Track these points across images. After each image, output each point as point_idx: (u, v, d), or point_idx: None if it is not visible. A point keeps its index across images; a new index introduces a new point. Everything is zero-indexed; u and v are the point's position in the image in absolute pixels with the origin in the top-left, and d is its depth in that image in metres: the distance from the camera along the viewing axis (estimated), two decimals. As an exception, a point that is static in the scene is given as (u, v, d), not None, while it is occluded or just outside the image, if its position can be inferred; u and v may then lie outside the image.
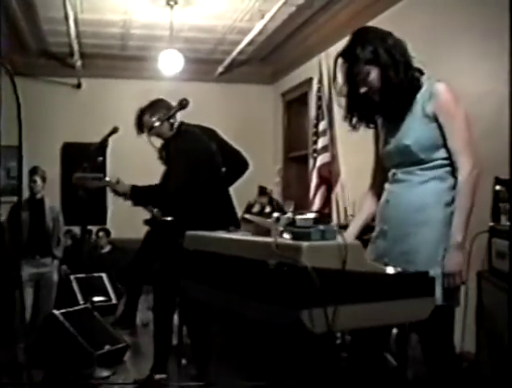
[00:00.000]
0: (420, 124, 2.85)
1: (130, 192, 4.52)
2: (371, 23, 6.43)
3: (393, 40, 2.88)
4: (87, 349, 5.12)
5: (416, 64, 2.93)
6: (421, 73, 2.94)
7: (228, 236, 2.92)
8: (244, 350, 3.07)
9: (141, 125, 4.73)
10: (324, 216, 5.16)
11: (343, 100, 3.01)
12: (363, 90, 2.88)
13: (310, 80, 8.68)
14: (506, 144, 4.45)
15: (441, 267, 2.76)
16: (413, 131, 2.86)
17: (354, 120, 3.02)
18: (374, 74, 2.85)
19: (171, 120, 4.56)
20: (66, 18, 7.39)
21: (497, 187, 4.17)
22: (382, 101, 2.90)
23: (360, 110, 3.00)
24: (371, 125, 3.08)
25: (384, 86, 2.85)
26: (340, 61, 2.91)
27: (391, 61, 2.82)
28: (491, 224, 3.99)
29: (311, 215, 2.62)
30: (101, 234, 8.85)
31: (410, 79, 2.86)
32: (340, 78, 2.94)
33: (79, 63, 9.46)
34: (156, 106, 4.74)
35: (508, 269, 3.60)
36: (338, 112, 7.17)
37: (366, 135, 3.16)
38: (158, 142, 4.71)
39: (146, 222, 5.17)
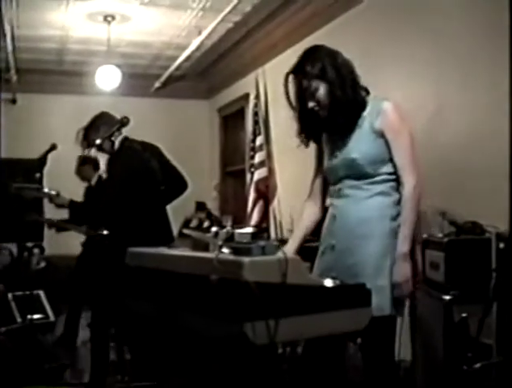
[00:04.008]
0: (368, 139, 2.94)
1: (68, 205, 4.58)
2: (306, 40, 6.58)
3: (341, 59, 2.99)
4: (27, 368, 5.07)
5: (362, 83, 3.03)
6: (367, 92, 3.04)
7: (170, 252, 2.95)
8: (188, 364, 3.10)
9: (86, 143, 4.77)
10: (262, 230, 5.23)
11: (279, 117, 3.09)
12: (311, 104, 2.96)
13: (246, 95, 8.78)
14: (433, 159, 4.63)
15: (388, 278, 2.85)
16: (361, 145, 2.94)
17: (305, 136, 3.10)
18: (322, 90, 2.93)
19: (112, 138, 4.58)
20: (4, 33, 7.31)
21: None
22: (329, 117, 2.97)
23: (308, 126, 3.07)
24: (317, 142, 3.15)
25: (331, 102, 2.93)
26: (291, 77, 3.00)
27: (338, 78, 2.91)
28: (425, 236, 4.12)
29: (249, 229, 2.68)
30: (35, 250, 8.71)
31: (356, 97, 2.96)
32: (291, 95, 3.02)
33: (15, 78, 9.34)
34: (98, 122, 4.76)
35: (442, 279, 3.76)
36: (275, 127, 7.34)
37: (302, 150, 3.23)
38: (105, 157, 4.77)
39: (83, 244, 5.18)
